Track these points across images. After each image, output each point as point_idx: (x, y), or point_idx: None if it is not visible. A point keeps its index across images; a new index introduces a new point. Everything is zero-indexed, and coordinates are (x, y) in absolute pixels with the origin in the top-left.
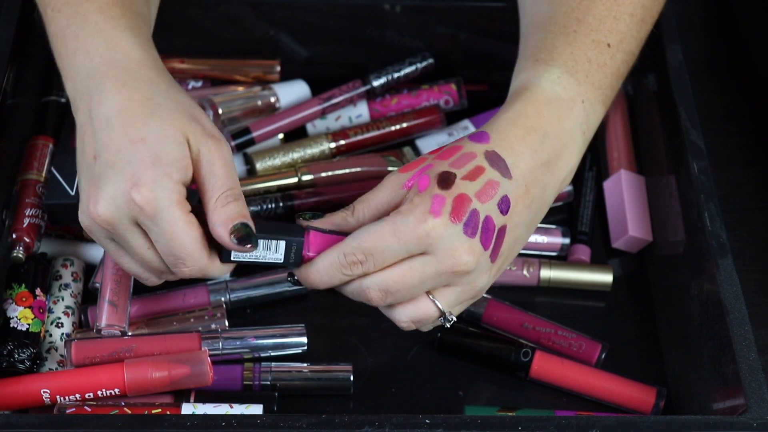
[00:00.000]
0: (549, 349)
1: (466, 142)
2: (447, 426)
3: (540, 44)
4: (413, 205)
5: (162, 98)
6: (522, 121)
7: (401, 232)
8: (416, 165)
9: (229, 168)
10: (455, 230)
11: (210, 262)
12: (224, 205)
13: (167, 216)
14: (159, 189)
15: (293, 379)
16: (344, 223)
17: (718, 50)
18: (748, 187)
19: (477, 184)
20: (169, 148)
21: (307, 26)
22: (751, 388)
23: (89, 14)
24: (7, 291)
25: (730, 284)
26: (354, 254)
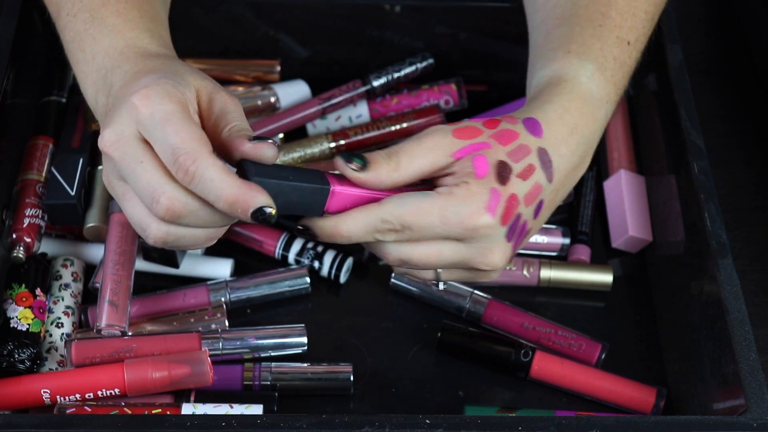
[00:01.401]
0: (549, 349)
1: (521, 129)
2: (447, 426)
3: (568, 36)
4: (470, 192)
5: (178, 65)
6: (568, 118)
7: (449, 218)
8: (470, 134)
9: (242, 116)
10: (500, 232)
11: (212, 159)
12: (239, 130)
13: (164, 108)
14: (158, 88)
15: (293, 379)
16: (387, 178)
17: (718, 50)
18: (748, 187)
19: (526, 186)
20: (174, 77)
21: (307, 26)
22: (751, 388)
23: (107, 18)
24: (7, 291)
25: (730, 284)
26: (393, 223)
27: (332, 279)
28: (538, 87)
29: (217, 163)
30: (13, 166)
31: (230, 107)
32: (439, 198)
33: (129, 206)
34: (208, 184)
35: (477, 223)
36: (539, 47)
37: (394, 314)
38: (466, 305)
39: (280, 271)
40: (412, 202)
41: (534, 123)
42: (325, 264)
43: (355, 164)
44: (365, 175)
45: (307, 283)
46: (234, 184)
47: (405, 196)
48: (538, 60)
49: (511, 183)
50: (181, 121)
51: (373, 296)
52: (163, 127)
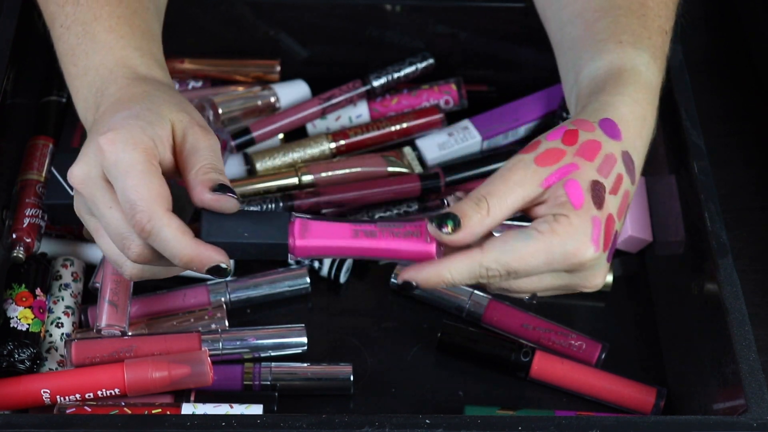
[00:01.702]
0: (549, 349)
1: (601, 135)
2: (447, 426)
3: (614, 27)
4: (572, 228)
5: (159, 93)
6: (638, 109)
7: (555, 257)
8: (553, 159)
9: (214, 152)
10: (602, 258)
11: (167, 218)
12: (206, 173)
13: (127, 157)
14: (124, 133)
15: (293, 379)
16: (480, 227)
17: (718, 50)
18: (748, 187)
19: (618, 199)
20: (147, 115)
21: (307, 26)
22: (751, 388)
23: (99, 34)
24: (7, 291)
25: (730, 284)
26: (497, 269)
27: (332, 279)
28: (595, 79)
29: (172, 223)
30: (13, 166)
31: (201, 145)
32: (542, 239)
33: (103, 242)
34: (163, 243)
35: (583, 258)
36: (580, 40)
37: (394, 314)
38: (466, 305)
39: (280, 271)
40: (516, 248)
41: (611, 125)
42: (325, 264)
43: (448, 227)
44: (460, 236)
45: (306, 283)
46: (188, 245)
47: (507, 240)
48: (584, 52)
49: (606, 203)
50: (140, 175)
51: (373, 296)
52: (123, 179)
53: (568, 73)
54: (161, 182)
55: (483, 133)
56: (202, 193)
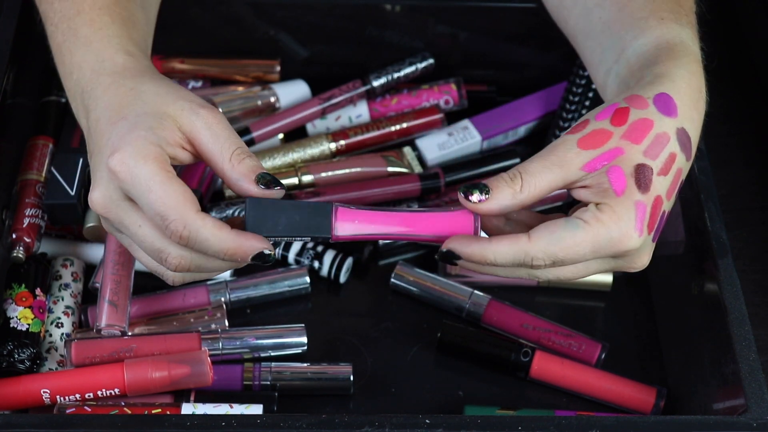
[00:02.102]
0: (549, 349)
1: (654, 113)
2: (447, 426)
3: (652, 5)
4: (616, 216)
5: (147, 86)
6: (694, 81)
7: (602, 246)
8: (598, 141)
9: (230, 130)
10: (647, 240)
11: (201, 218)
12: (239, 162)
13: (143, 171)
14: (130, 149)
15: (293, 379)
16: (511, 200)
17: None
18: (748, 187)
19: (668, 180)
20: (145, 120)
21: (307, 26)
22: (751, 388)
23: (80, 29)
24: (7, 291)
25: (730, 284)
26: (542, 259)
27: (332, 279)
28: (644, 54)
29: (207, 223)
30: (13, 166)
31: (216, 127)
32: (588, 229)
33: (140, 256)
34: (204, 243)
35: (628, 245)
36: (615, 21)
37: (394, 314)
38: (466, 305)
39: (280, 271)
40: (563, 238)
41: (667, 99)
42: (325, 264)
43: (475, 196)
44: (488, 205)
45: (306, 283)
46: (228, 239)
47: (554, 231)
48: (625, 32)
49: (654, 185)
50: (161, 186)
51: (373, 296)
52: (147, 194)
53: (603, 55)
54: (182, 185)
55: (483, 133)
56: (248, 188)
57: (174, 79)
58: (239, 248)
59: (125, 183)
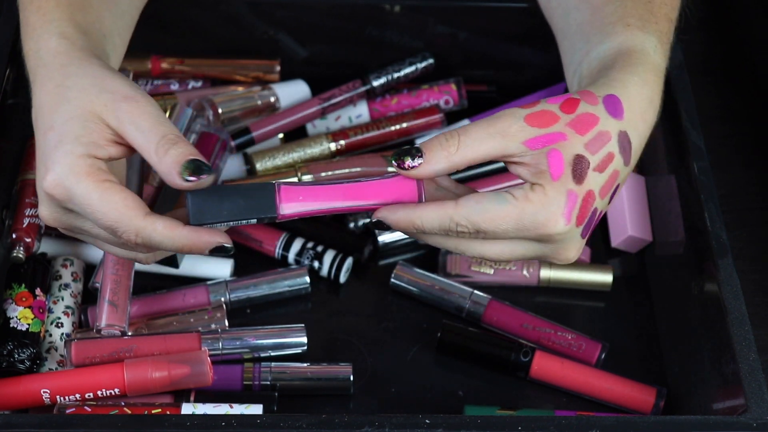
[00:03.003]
0: (549, 349)
1: (602, 111)
2: (447, 426)
3: (622, 12)
4: (546, 199)
5: (72, 80)
6: (646, 90)
7: (525, 225)
8: (545, 121)
9: (154, 120)
10: (575, 233)
11: (150, 223)
12: (164, 153)
13: (78, 190)
14: (60, 168)
15: (293, 379)
16: (446, 164)
17: (718, 50)
18: (748, 187)
19: (603, 177)
20: (71, 127)
21: (307, 26)
22: (751, 388)
23: (30, 17)
24: (7, 291)
25: (730, 284)
26: (466, 226)
27: (332, 279)
28: (604, 60)
29: (157, 226)
30: (13, 166)
31: (142, 123)
32: (515, 205)
33: (108, 249)
34: (159, 243)
35: (553, 230)
36: (587, 24)
37: (394, 314)
38: (466, 305)
39: (280, 271)
40: (488, 209)
41: (615, 102)
42: (325, 264)
43: (408, 162)
44: (422, 170)
45: (306, 283)
46: (182, 237)
47: (481, 200)
48: (592, 35)
49: (588, 179)
50: (100, 201)
51: (373, 296)
52: (88, 212)
53: (573, 56)
54: (122, 193)
55: None
56: (177, 181)
57: (174, 79)
58: (194, 245)
59: (65, 203)
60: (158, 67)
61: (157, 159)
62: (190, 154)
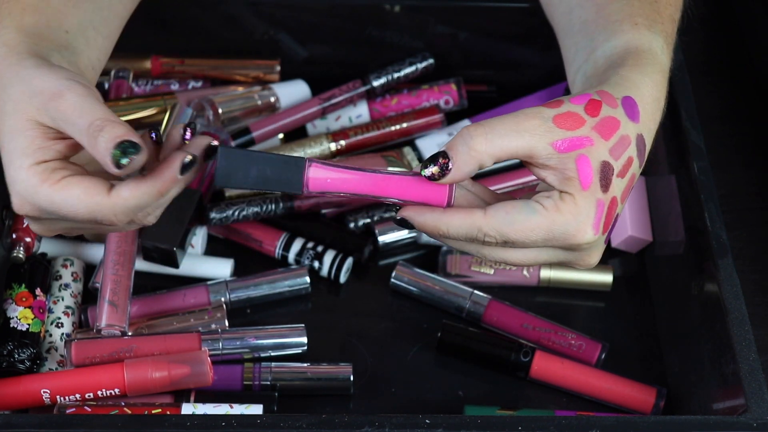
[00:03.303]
0: (549, 349)
1: (622, 114)
2: (447, 426)
3: (628, 10)
4: (576, 209)
5: (7, 91)
6: (655, 91)
7: (555, 236)
8: (572, 124)
9: (80, 110)
10: (601, 240)
11: (117, 197)
12: (95, 144)
13: (41, 201)
14: (18, 186)
15: (293, 379)
16: (475, 163)
17: (718, 50)
18: (748, 187)
19: (624, 182)
20: (14, 142)
21: (307, 26)
22: (751, 388)
23: (2, 19)
24: (7, 291)
25: (730, 284)
26: (494, 237)
27: (332, 279)
28: (611, 57)
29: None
30: None
31: (71, 114)
32: (546, 215)
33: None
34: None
35: (582, 240)
36: (591, 22)
37: (394, 314)
38: (466, 305)
39: (280, 271)
40: (518, 220)
41: (632, 104)
42: (325, 264)
43: (434, 170)
44: (452, 176)
45: (306, 283)
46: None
47: (510, 211)
48: (598, 33)
49: (612, 186)
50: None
51: (373, 296)
52: (62, 214)
53: (576, 54)
54: (81, 182)
55: None
56: (114, 170)
57: (174, 79)
58: (164, 179)
59: (40, 215)
60: (158, 67)
61: (92, 150)
62: (118, 136)
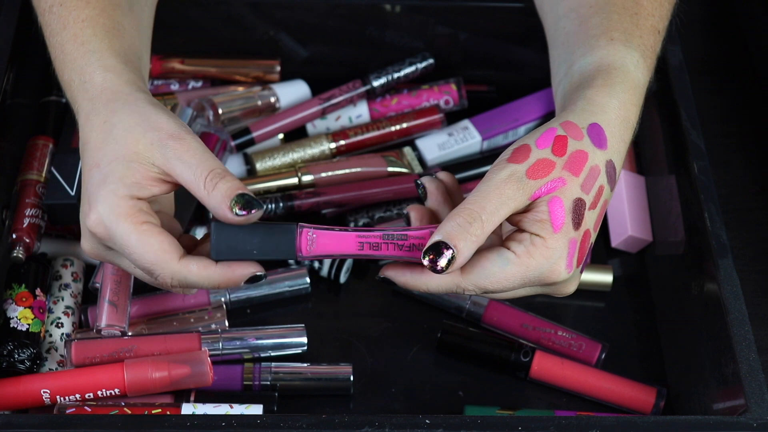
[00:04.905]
0: (549, 349)
1: (589, 145)
2: (447, 426)
3: (607, 24)
4: (548, 251)
5: (118, 117)
6: (623, 112)
7: (529, 278)
8: (544, 171)
9: (200, 156)
10: (576, 273)
11: (184, 266)
12: (213, 188)
13: (118, 231)
14: (102, 208)
15: (293, 379)
16: (475, 246)
17: (718, 50)
18: (748, 187)
19: (596, 213)
20: (116, 167)
21: (307, 26)
22: (751, 388)
23: (66, 45)
24: (7, 291)
25: (730, 284)
26: (473, 290)
27: (332, 279)
28: (584, 74)
29: (192, 269)
30: (13, 166)
31: (189, 159)
32: (519, 263)
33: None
34: (194, 283)
35: (557, 279)
36: (573, 35)
37: (394, 314)
38: (466, 305)
39: (280, 271)
40: (494, 272)
41: (599, 131)
42: (325, 264)
43: (443, 264)
44: (456, 265)
45: (306, 283)
46: (216, 275)
47: (485, 265)
48: (577, 47)
49: (584, 220)
50: (138, 243)
51: (373, 296)
52: (127, 253)
53: (559, 67)
54: (159, 236)
55: (483, 134)
56: (228, 215)
57: (174, 79)
58: (229, 281)
59: (106, 241)
60: (158, 67)
61: (206, 193)
62: (239, 188)
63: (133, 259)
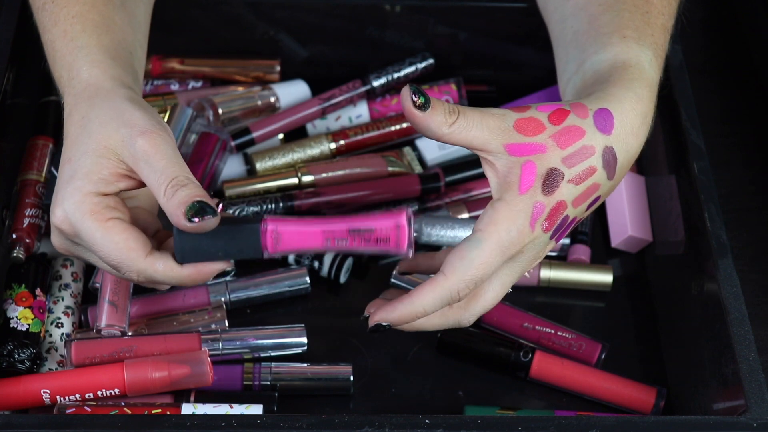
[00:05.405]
0: (549, 349)
1: (590, 125)
2: (447, 426)
3: (619, 22)
4: (512, 214)
5: (95, 112)
6: (640, 106)
7: (505, 246)
8: (531, 130)
9: (167, 160)
10: (544, 239)
11: (150, 264)
12: (172, 195)
13: (83, 228)
14: (68, 204)
15: (293, 379)
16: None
17: (718, 50)
18: (748, 187)
19: (579, 189)
20: (84, 162)
21: (307, 26)
22: (751, 388)
23: (56, 41)
24: (7, 291)
25: (730, 284)
26: (467, 286)
27: (332, 279)
28: (599, 71)
29: (158, 266)
30: (13, 166)
31: (155, 162)
32: (489, 236)
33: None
34: (161, 280)
35: (525, 240)
36: (583, 33)
37: None
38: None
39: (280, 271)
40: (473, 257)
41: (606, 116)
42: (325, 264)
43: (418, 99)
44: (422, 119)
45: (306, 283)
46: (182, 274)
47: (463, 255)
48: (588, 45)
49: (560, 190)
50: (103, 240)
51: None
52: (94, 248)
53: (567, 65)
54: (125, 233)
55: None
56: (181, 222)
57: (174, 79)
58: (195, 279)
59: (72, 237)
60: (158, 67)
61: (165, 200)
62: (196, 195)
63: (100, 256)
